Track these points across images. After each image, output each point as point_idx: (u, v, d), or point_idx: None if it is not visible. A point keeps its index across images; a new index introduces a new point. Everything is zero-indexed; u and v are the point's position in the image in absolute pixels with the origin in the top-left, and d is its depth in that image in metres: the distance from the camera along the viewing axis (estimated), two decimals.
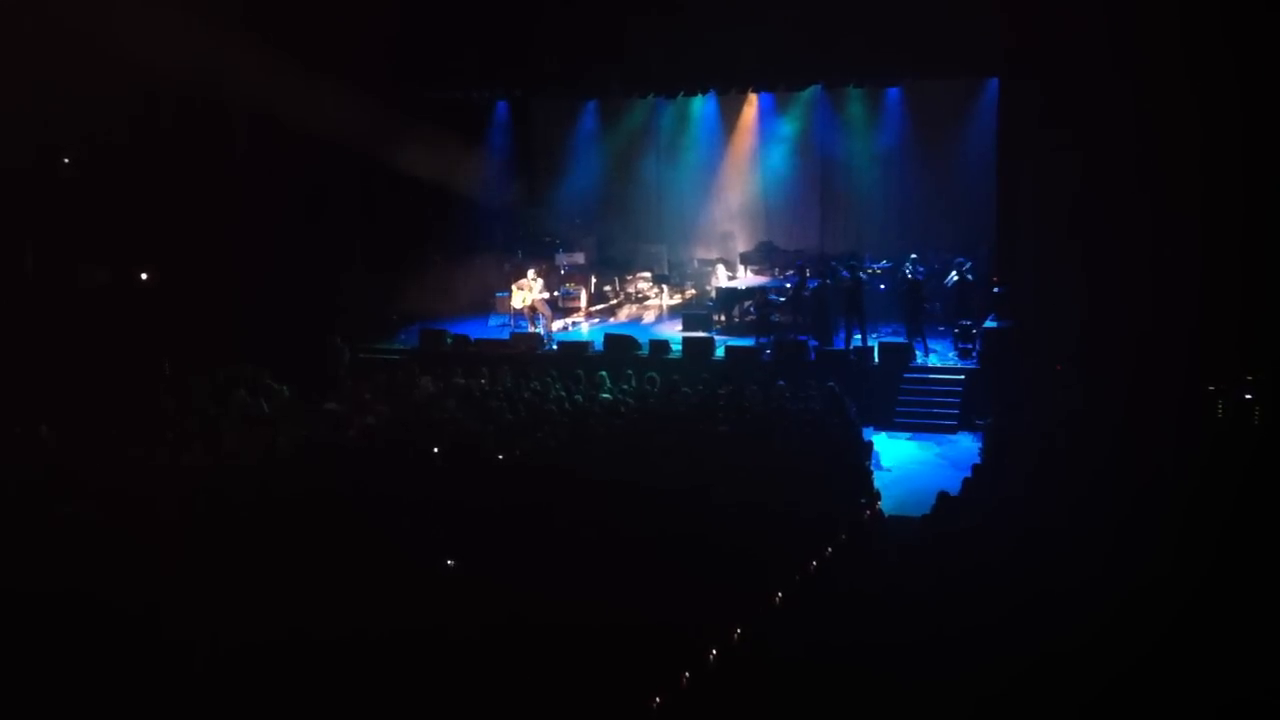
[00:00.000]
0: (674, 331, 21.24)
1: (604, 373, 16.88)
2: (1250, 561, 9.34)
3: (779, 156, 24.47)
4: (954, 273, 20.18)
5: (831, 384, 16.05)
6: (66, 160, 20.21)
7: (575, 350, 20.27)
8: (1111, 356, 16.91)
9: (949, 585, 9.03)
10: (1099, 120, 17.65)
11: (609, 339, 20.28)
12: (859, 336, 19.58)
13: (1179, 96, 16.93)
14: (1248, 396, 15.43)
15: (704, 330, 20.85)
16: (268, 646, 8.17)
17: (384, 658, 8.07)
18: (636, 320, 23.21)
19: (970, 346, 19.03)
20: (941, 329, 20.31)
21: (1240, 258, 16.80)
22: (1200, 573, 8.95)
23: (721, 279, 23.13)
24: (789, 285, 21.35)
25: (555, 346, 20.78)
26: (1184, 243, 17.16)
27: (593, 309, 23.53)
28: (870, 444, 15.83)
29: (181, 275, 20.53)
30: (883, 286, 21.33)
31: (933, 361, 19.17)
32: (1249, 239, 16.80)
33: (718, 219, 25.24)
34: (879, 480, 14.66)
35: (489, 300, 23.34)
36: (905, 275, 20.12)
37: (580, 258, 24.53)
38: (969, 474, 12.87)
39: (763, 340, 20.00)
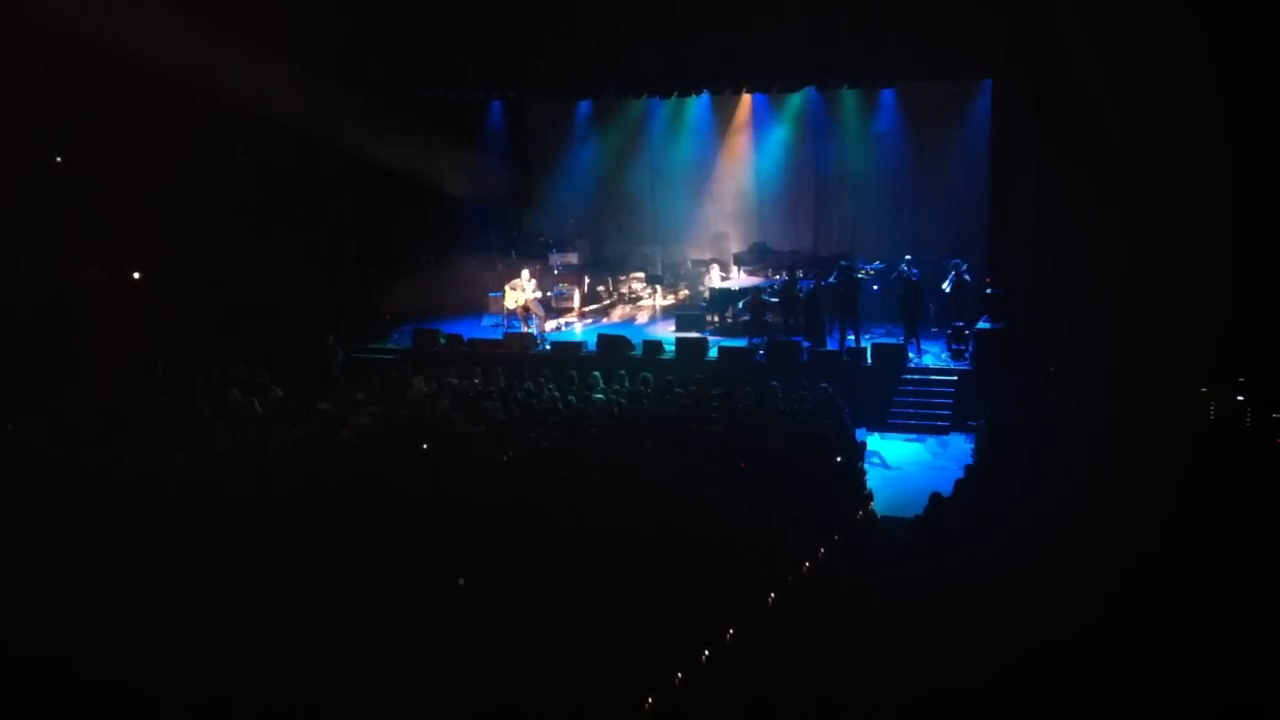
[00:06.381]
0: (667, 332, 21.24)
1: (597, 373, 16.86)
2: (1241, 562, 9.38)
3: (773, 157, 24.38)
4: (951, 274, 20.17)
5: (825, 385, 16.06)
6: (59, 159, 20.19)
7: (568, 350, 20.27)
8: (1104, 358, 16.95)
9: (940, 586, 9.05)
10: (1092, 122, 17.69)
11: (602, 339, 20.29)
12: (852, 337, 19.60)
13: (1171, 98, 16.97)
14: (1239, 398, 15.48)
15: (697, 331, 20.86)
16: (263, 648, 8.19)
17: (378, 655, 8.08)
18: (630, 321, 23.21)
19: (963, 348, 19.04)
20: (935, 330, 20.34)
21: (1233, 259, 16.86)
22: (1190, 574, 8.98)
23: (715, 279, 23.12)
24: (778, 286, 21.34)
25: (548, 347, 20.79)
26: (1177, 244, 17.21)
27: (586, 309, 23.52)
28: (863, 445, 15.85)
29: (175, 274, 20.51)
30: (875, 287, 21.35)
31: (926, 362, 19.20)
32: (1243, 240, 16.86)
33: (711, 220, 25.19)
34: (872, 481, 14.70)
35: (482, 300, 23.32)
36: (902, 276, 20.12)
37: (574, 258, 24.53)
38: (961, 475, 12.89)
39: (756, 341, 20.00)
